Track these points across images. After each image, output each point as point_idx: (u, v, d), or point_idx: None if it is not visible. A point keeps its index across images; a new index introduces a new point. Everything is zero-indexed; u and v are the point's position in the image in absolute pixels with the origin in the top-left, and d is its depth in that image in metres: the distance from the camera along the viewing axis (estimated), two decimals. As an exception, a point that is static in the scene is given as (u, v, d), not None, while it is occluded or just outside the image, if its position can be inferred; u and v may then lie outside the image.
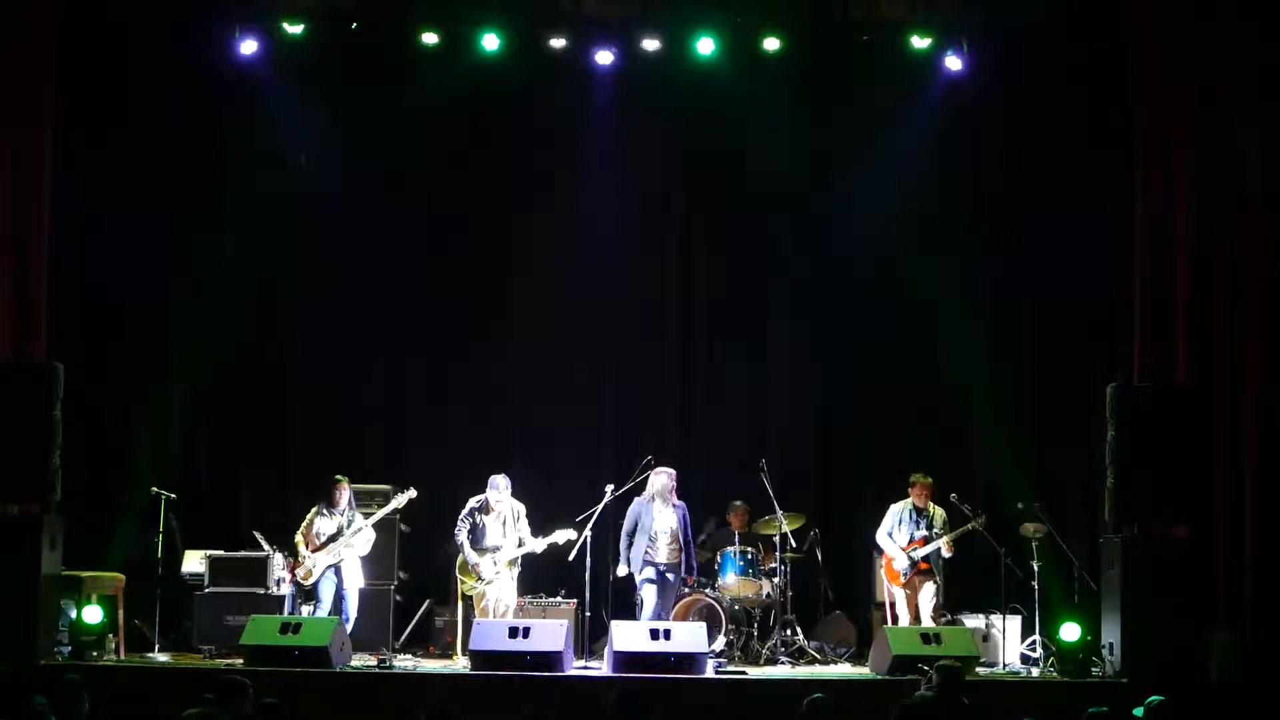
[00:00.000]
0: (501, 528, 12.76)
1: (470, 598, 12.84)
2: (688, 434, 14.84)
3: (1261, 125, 12.99)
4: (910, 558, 13.00)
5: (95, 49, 13.91)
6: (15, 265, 13.06)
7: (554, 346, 14.92)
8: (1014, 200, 14.61)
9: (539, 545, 12.75)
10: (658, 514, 12.88)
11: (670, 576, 12.90)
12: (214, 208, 14.43)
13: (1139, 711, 8.83)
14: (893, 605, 13.22)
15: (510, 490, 12.81)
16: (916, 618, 12.99)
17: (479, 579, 12.70)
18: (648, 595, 12.82)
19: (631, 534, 12.89)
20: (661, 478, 12.94)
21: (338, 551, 12.72)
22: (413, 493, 13.01)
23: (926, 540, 13.00)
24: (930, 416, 14.59)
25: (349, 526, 12.78)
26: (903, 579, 13.07)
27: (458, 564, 12.87)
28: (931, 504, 13.15)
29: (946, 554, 13.03)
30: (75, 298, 13.88)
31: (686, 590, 13.22)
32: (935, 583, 13.04)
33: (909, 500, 13.18)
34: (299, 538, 12.80)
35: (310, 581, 12.73)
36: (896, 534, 13.13)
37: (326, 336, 14.86)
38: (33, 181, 13.20)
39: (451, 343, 14.89)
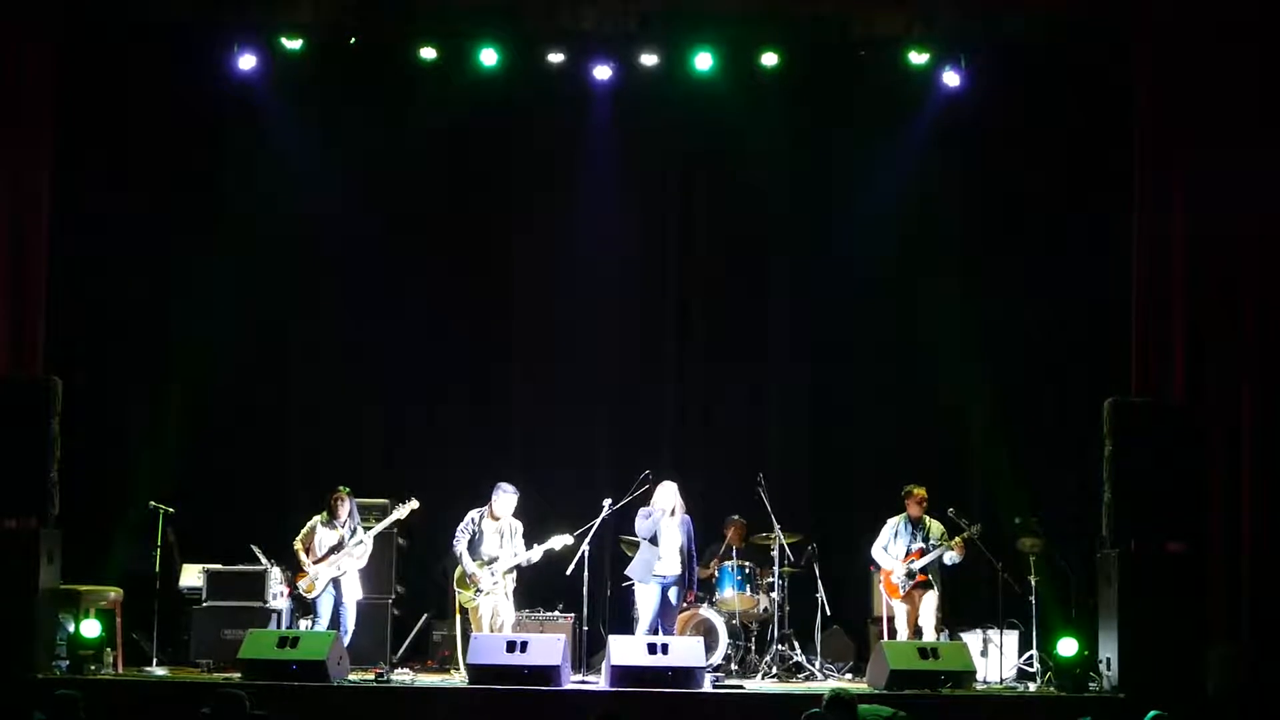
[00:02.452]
0: (499, 539, 12.75)
1: (468, 611, 12.83)
2: (685, 448, 14.81)
3: (1260, 140, 13.02)
4: (909, 569, 12.99)
5: (96, 62, 13.95)
6: (14, 281, 13.09)
7: (553, 355, 14.93)
8: (1012, 215, 14.62)
9: (534, 555, 12.74)
10: (664, 527, 12.85)
11: (673, 591, 12.86)
12: (212, 222, 14.43)
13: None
14: (891, 620, 13.20)
15: (516, 499, 12.80)
16: (916, 632, 12.97)
17: (478, 590, 12.69)
18: (647, 606, 12.79)
19: (650, 539, 12.85)
20: (671, 492, 12.87)
21: (339, 564, 12.72)
22: (414, 503, 12.97)
23: (923, 552, 12.99)
24: (928, 431, 14.57)
25: (350, 538, 12.76)
26: (901, 592, 13.05)
27: (456, 576, 12.85)
28: (927, 516, 13.15)
29: (957, 558, 13.00)
30: (73, 311, 13.89)
31: (685, 605, 13.22)
32: (935, 594, 12.99)
33: (904, 514, 13.18)
34: (298, 545, 12.77)
35: (313, 595, 12.71)
36: (893, 546, 13.12)
37: (325, 349, 14.88)
38: (31, 196, 13.23)
39: (451, 353, 14.88)
